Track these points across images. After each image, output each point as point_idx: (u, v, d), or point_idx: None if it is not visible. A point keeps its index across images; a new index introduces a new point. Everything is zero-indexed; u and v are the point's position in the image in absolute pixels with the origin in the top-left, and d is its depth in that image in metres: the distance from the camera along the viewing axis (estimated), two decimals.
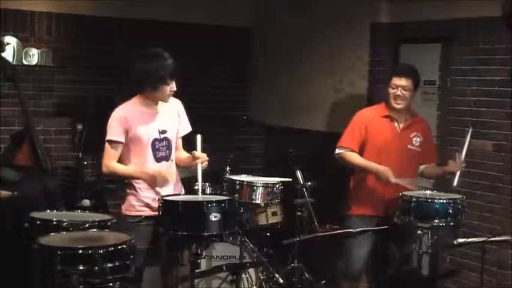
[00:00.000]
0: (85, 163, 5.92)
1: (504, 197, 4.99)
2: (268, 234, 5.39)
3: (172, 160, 4.27)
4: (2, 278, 4.30)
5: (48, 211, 4.05)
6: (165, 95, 4.15)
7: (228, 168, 5.34)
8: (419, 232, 4.43)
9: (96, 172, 6.07)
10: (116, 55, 6.28)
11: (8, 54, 5.80)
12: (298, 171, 5.17)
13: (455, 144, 5.24)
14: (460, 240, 4.43)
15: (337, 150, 4.76)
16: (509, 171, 4.95)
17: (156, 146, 4.18)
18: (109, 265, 3.20)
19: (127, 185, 4.21)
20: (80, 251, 3.19)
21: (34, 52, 6.02)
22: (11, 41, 5.88)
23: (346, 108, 6.08)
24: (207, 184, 4.91)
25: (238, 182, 5.06)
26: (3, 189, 4.72)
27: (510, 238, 4.43)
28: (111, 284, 3.21)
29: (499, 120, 5.01)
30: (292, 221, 5.18)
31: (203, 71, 6.61)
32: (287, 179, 5.17)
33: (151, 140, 4.16)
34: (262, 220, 5.30)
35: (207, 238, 4.11)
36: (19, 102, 5.27)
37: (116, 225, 3.84)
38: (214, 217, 3.91)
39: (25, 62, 5.97)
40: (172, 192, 4.19)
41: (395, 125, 4.69)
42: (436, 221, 4.31)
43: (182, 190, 4.35)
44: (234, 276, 4.43)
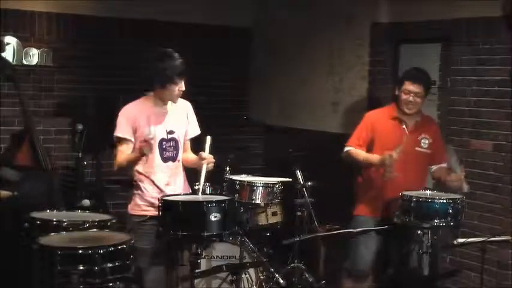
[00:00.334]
0: (85, 163, 5.91)
1: (504, 197, 4.99)
2: (268, 234, 5.40)
3: (179, 161, 4.30)
4: (2, 278, 4.30)
5: (48, 211, 4.04)
6: (174, 95, 4.18)
7: (228, 168, 5.33)
8: (419, 232, 4.43)
9: (96, 172, 6.08)
10: (116, 55, 6.28)
11: (8, 54, 5.80)
12: (298, 171, 5.16)
13: (455, 144, 5.26)
14: (460, 240, 4.42)
15: (345, 149, 4.78)
16: (509, 171, 4.94)
17: (163, 146, 4.21)
18: (109, 265, 3.20)
19: (133, 185, 4.25)
20: (80, 251, 3.19)
21: (34, 52, 6.01)
22: (11, 41, 5.88)
23: (346, 108, 6.09)
24: (207, 184, 4.90)
25: (238, 182, 5.05)
26: (3, 189, 4.72)
27: (510, 238, 4.43)
28: (111, 284, 3.21)
29: (499, 120, 5.01)
30: (292, 221, 5.18)
31: (203, 71, 6.60)
32: (287, 179, 5.17)
33: (158, 140, 4.18)
34: (262, 220, 5.30)
35: (207, 238, 4.13)
36: (19, 102, 5.28)
37: (119, 224, 3.85)
38: (214, 217, 3.92)
39: (25, 62, 5.96)
40: (181, 192, 4.24)
41: (403, 127, 4.68)
42: (436, 221, 4.32)
43: (189, 190, 4.39)
44: (234, 276, 4.44)
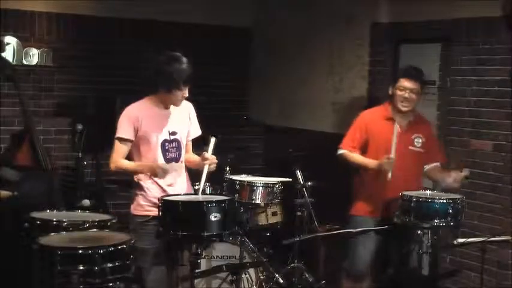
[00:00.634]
0: (85, 163, 5.92)
1: (504, 197, 4.98)
2: (268, 234, 5.40)
3: (181, 161, 4.31)
4: (2, 278, 4.30)
5: (48, 211, 4.05)
6: (177, 100, 4.20)
7: (228, 168, 5.33)
8: (419, 232, 4.43)
9: (96, 172, 6.07)
10: (116, 55, 6.28)
11: (8, 54, 5.80)
12: (298, 171, 5.16)
13: (455, 144, 5.25)
14: (460, 240, 4.42)
15: (338, 151, 4.78)
16: (509, 171, 4.94)
17: (166, 147, 4.22)
18: (109, 265, 3.20)
19: (136, 185, 4.24)
20: (80, 251, 3.19)
21: (34, 52, 6.01)
22: (11, 41, 5.88)
23: (346, 108, 6.08)
24: (207, 184, 4.91)
25: (238, 182, 5.06)
26: (3, 189, 4.72)
27: (510, 238, 4.42)
28: (111, 284, 3.21)
29: (499, 120, 5.01)
30: (292, 221, 5.18)
31: (203, 71, 6.59)
32: (287, 179, 5.17)
33: (160, 141, 4.19)
34: (262, 220, 5.30)
35: (207, 238, 4.12)
36: (19, 102, 5.28)
37: (119, 224, 3.85)
38: (214, 217, 3.92)
39: (25, 62, 5.97)
40: (184, 192, 4.24)
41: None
42: (436, 221, 4.32)
43: (192, 191, 4.39)
44: (234, 276, 4.44)
